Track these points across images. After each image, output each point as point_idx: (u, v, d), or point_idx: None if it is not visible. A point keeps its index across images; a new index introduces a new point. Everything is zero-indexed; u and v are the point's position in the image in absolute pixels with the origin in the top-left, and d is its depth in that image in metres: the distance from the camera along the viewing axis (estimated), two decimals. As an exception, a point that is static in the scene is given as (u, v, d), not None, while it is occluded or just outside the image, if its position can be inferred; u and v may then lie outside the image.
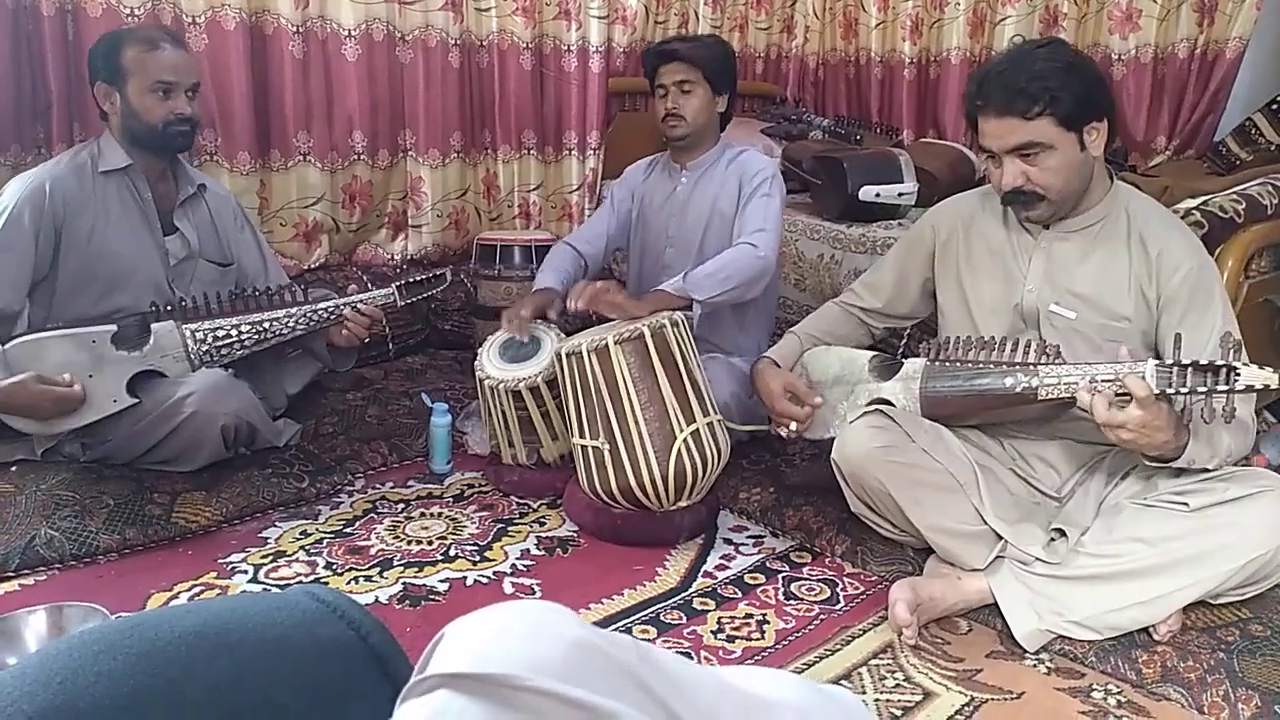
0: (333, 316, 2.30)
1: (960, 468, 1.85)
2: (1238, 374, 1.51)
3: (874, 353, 2.09)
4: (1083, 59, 1.84)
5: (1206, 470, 1.71)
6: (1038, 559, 1.78)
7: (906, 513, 1.85)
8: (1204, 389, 1.54)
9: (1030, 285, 1.90)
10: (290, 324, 2.27)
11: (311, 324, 2.29)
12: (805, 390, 2.06)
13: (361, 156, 3.23)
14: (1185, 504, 1.69)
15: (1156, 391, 1.58)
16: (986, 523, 1.81)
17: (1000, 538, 1.81)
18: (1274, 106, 3.10)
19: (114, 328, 2.14)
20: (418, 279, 2.42)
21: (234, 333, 2.22)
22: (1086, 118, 1.76)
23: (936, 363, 1.90)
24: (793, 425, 2.06)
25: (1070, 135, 1.76)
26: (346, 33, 3.11)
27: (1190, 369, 1.56)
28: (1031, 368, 1.75)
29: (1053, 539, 1.83)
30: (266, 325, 2.25)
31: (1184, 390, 1.56)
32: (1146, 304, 1.81)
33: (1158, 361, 1.61)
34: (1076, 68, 1.77)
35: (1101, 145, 1.81)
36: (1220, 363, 1.53)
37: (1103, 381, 1.64)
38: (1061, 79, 1.73)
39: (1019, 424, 1.95)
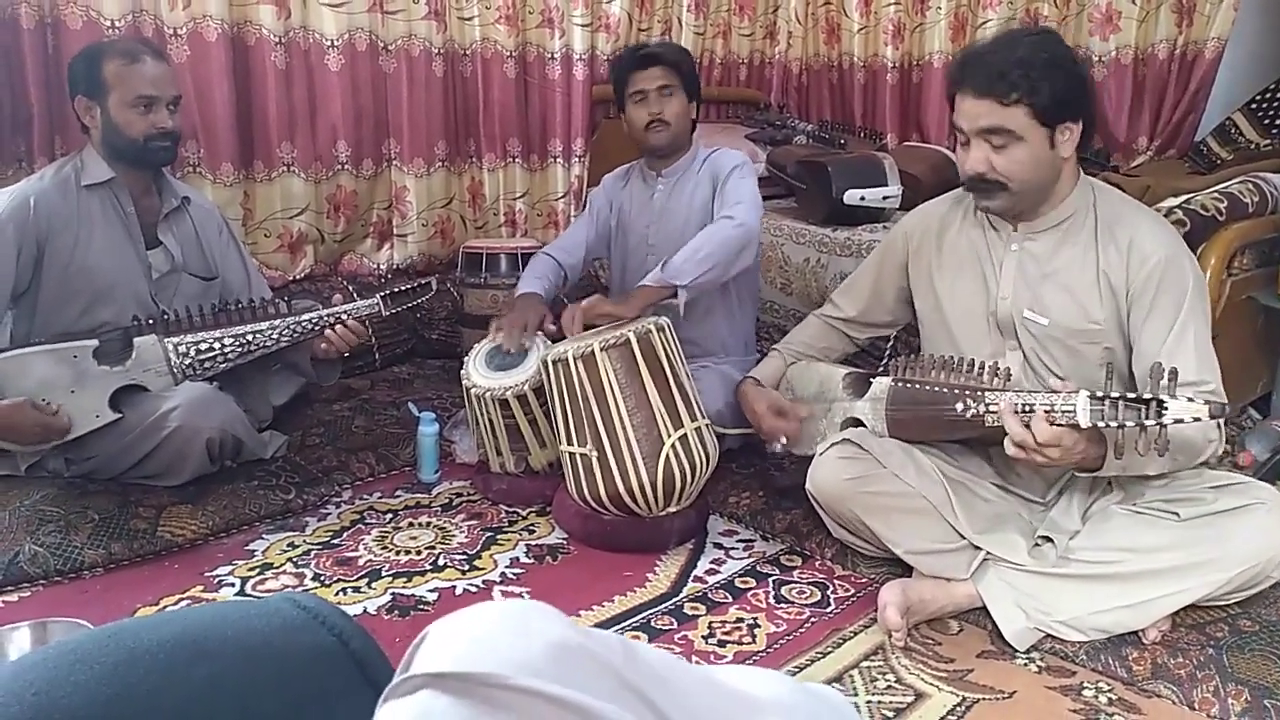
0: (317, 328, 2.26)
1: (932, 488, 1.82)
2: (1165, 407, 1.45)
3: (849, 370, 2.08)
4: (1070, 56, 1.77)
5: (1162, 476, 1.72)
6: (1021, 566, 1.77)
7: (883, 540, 1.86)
8: (1133, 423, 1.48)
9: (1004, 293, 1.86)
10: (274, 336, 2.24)
11: (295, 336, 2.26)
12: (790, 406, 2.07)
13: (345, 166, 3.22)
14: (1176, 514, 1.68)
15: (1089, 425, 1.53)
16: (964, 538, 1.80)
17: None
18: (1253, 106, 3.13)
19: (96, 342, 2.12)
20: (403, 289, 2.38)
21: (217, 346, 2.20)
22: (1062, 116, 1.72)
23: (900, 384, 1.87)
24: (782, 439, 2.07)
25: (1042, 131, 1.71)
26: (329, 43, 3.10)
27: (1121, 402, 1.50)
28: (980, 393, 1.70)
29: (1037, 544, 1.82)
30: (250, 338, 2.22)
31: (1114, 424, 1.50)
32: (1116, 300, 1.77)
33: (1089, 393, 1.54)
34: (1061, 63, 1.72)
35: (1072, 147, 1.76)
36: (1148, 395, 1.47)
37: (1041, 410, 1.58)
38: (1044, 71, 1.68)
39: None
